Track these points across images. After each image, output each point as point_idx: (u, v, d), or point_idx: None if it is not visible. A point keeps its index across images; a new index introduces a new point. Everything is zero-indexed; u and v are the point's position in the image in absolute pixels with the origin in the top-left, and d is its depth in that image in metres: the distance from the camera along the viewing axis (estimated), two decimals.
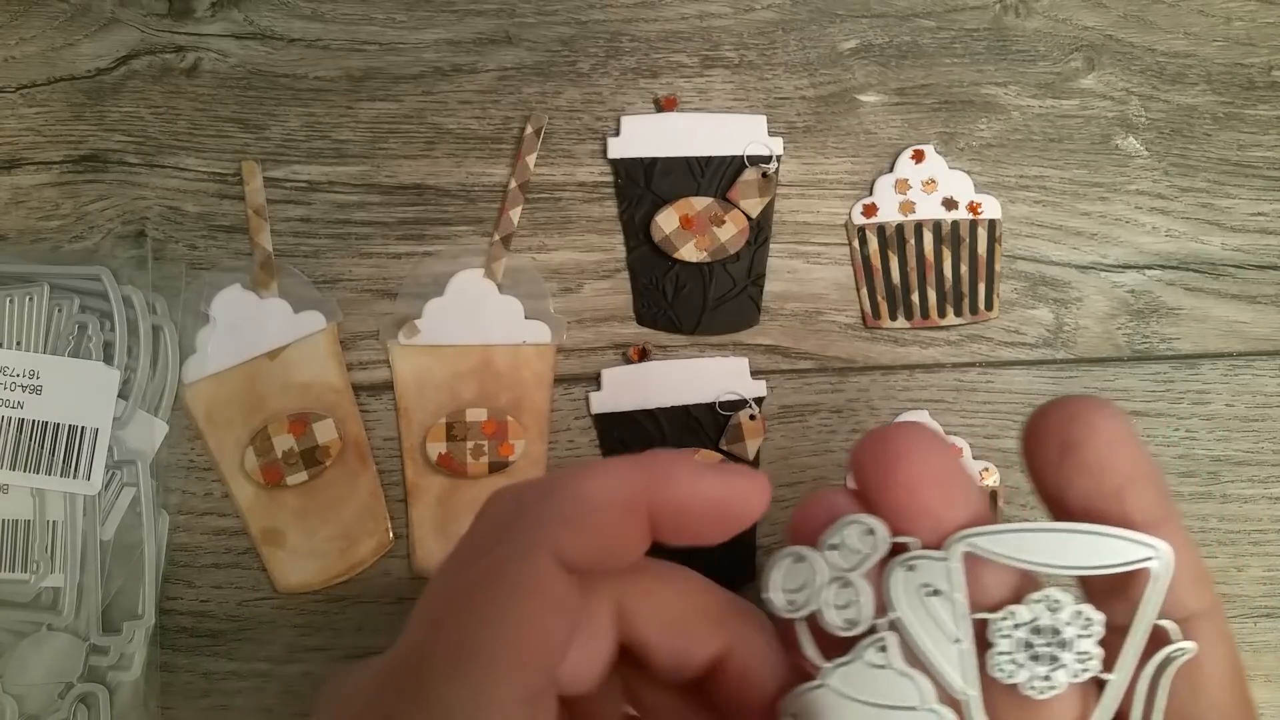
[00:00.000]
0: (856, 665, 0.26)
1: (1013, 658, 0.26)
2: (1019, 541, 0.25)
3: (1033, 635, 0.26)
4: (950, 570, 0.26)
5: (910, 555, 0.26)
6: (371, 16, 0.46)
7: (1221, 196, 0.46)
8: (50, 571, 0.39)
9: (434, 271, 0.44)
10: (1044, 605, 0.26)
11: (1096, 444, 0.25)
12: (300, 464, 0.41)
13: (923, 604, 0.26)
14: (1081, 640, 0.26)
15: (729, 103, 0.46)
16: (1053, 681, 0.26)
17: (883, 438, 0.24)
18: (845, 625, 0.26)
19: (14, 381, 0.39)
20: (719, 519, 0.23)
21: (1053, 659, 0.26)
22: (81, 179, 0.44)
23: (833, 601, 0.26)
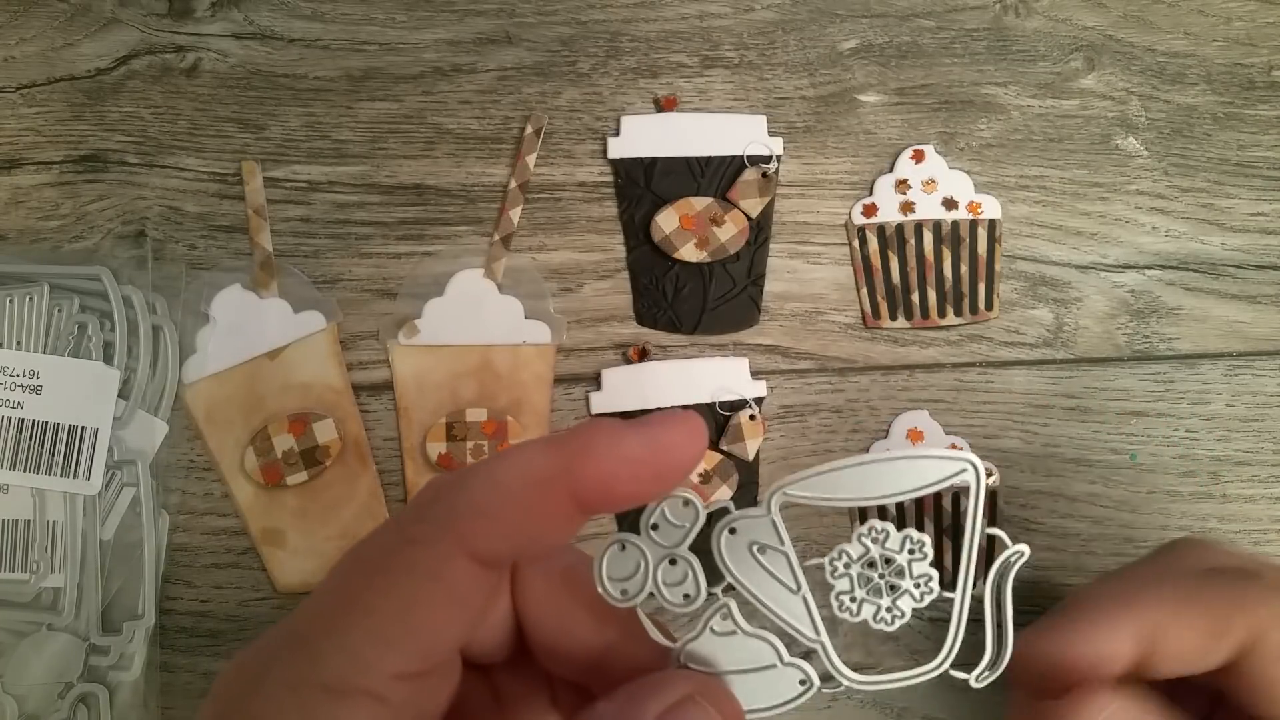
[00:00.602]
0: (705, 637, 0.26)
1: (854, 594, 0.26)
2: (833, 481, 0.25)
3: (868, 569, 0.26)
4: (774, 523, 0.26)
5: (731, 518, 0.26)
6: (371, 16, 0.46)
7: (1221, 196, 0.46)
8: (50, 571, 0.39)
9: (434, 271, 0.44)
10: (870, 538, 0.26)
11: None
12: (300, 464, 0.41)
13: (755, 562, 0.26)
14: (916, 564, 0.26)
15: (729, 103, 0.46)
16: (898, 610, 0.26)
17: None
18: (683, 601, 0.26)
19: (14, 381, 0.39)
20: (651, 477, 0.22)
21: (892, 588, 0.26)
22: (81, 179, 0.44)
23: (664, 580, 0.26)
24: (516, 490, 0.21)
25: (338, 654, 0.20)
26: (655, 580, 0.26)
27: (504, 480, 0.21)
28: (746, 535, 0.26)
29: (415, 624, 0.21)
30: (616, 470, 0.21)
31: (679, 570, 0.26)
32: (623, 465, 0.21)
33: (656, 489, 0.22)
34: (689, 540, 0.26)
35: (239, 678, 0.21)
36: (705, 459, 0.42)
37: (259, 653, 0.21)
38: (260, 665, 0.21)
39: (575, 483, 0.21)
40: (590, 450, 0.21)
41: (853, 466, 0.25)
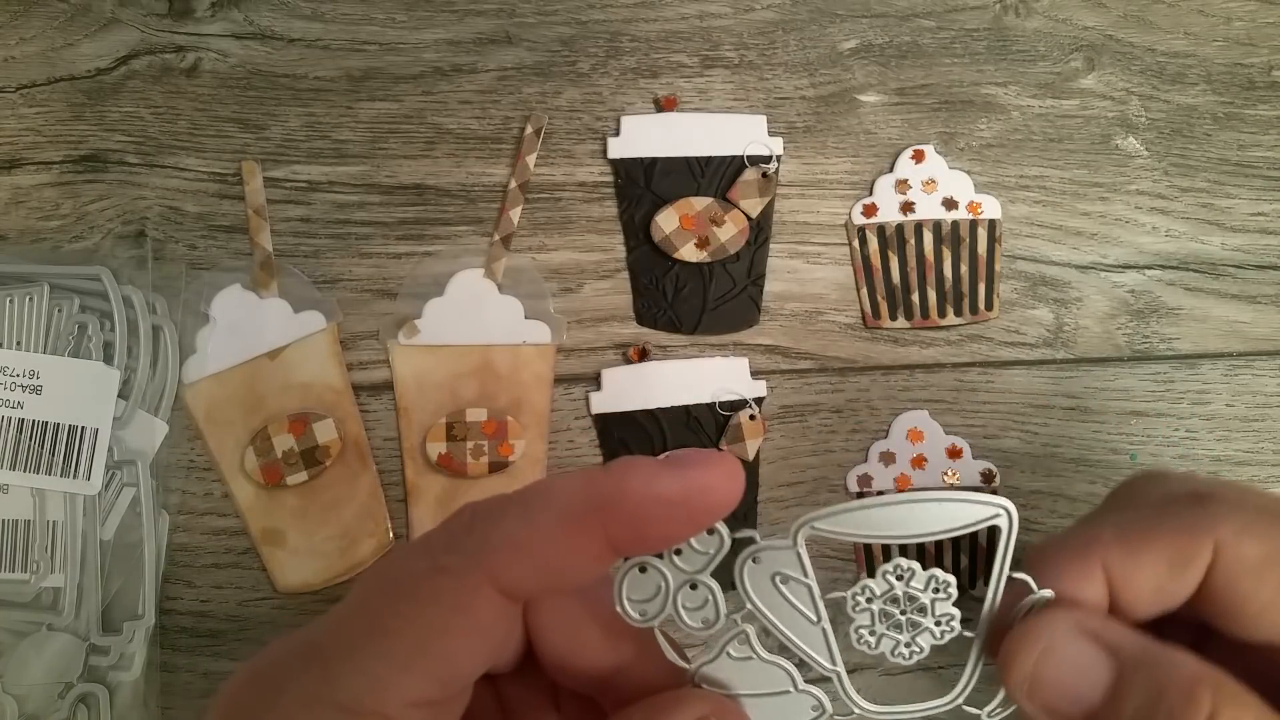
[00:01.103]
0: (721, 660, 0.27)
1: (873, 629, 0.26)
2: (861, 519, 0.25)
3: (890, 605, 0.26)
4: (799, 555, 0.26)
5: (755, 548, 0.26)
6: (371, 16, 0.46)
7: (1221, 196, 0.46)
8: (50, 571, 0.39)
9: (434, 271, 0.43)
10: (895, 575, 0.26)
11: None
12: (300, 464, 0.41)
13: (776, 591, 0.26)
14: (939, 603, 0.26)
15: (729, 103, 0.46)
16: (917, 646, 0.26)
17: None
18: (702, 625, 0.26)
19: (14, 381, 0.39)
20: (685, 518, 0.22)
21: (913, 625, 0.26)
22: (81, 179, 0.44)
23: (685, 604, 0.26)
24: (551, 527, 0.21)
25: (356, 675, 0.20)
26: (675, 604, 0.26)
27: (539, 516, 0.21)
28: (770, 565, 0.26)
29: (437, 653, 0.21)
30: (651, 511, 0.21)
31: (699, 595, 0.26)
32: (658, 506, 0.21)
33: (690, 531, 0.22)
34: (712, 567, 0.26)
35: (252, 686, 0.21)
36: None
37: (274, 663, 0.21)
38: (275, 676, 0.21)
39: (609, 522, 0.21)
40: (626, 490, 0.21)
41: (883, 506, 0.25)
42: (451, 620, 0.21)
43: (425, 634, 0.21)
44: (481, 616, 0.21)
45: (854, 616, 0.26)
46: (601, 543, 0.21)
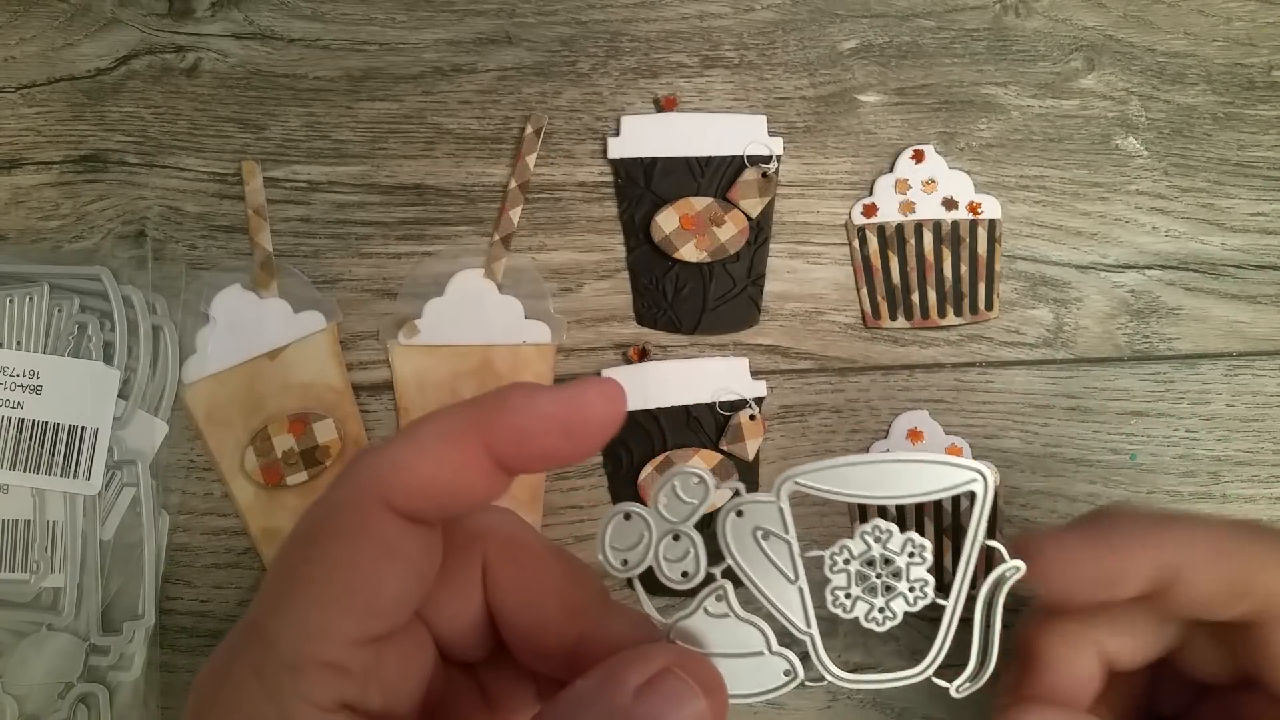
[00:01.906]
0: (698, 616, 0.26)
1: (849, 591, 0.26)
2: (844, 475, 0.25)
3: (866, 567, 0.26)
4: (781, 511, 0.26)
5: (738, 500, 0.26)
6: (371, 16, 0.46)
7: (1221, 196, 0.46)
8: (50, 571, 0.39)
9: (434, 271, 0.43)
10: (873, 536, 0.26)
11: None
12: (300, 464, 0.41)
13: (758, 547, 0.26)
14: (914, 568, 0.26)
15: (729, 103, 0.46)
16: (890, 611, 0.26)
17: None
18: (681, 578, 0.26)
19: (14, 381, 0.39)
20: (565, 434, 0.22)
21: (888, 589, 0.26)
22: (81, 179, 0.44)
23: (665, 555, 0.26)
24: (433, 445, 0.22)
25: (290, 630, 0.21)
26: (656, 554, 0.26)
27: (421, 436, 0.22)
28: (752, 519, 0.26)
29: (356, 586, 0.21)
30: (529, 425, 0.22)
31: (681, 546, 0.26)
32: (535, 420, 0.22)
33: (571, 448, 0.23)
34: (695, 518, 0.26)
35: (210, 675, 0.21)
36: (705, 459, 0.42)
37: (224, 649, 0.21)
38: (226, 659, 0.21)
39: (489, 437, 0.22)
40: (504, 406, 0.22)
41: (865, 464, 0.25)
42: (357, 548, 0.21)
43: (339, 570, 0.21)
44: (386, 538, 0.21)
45: (831, 577, 0.26)
46: (485, 458, 0.22)
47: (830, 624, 0.43)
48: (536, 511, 0.42)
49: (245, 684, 0.20)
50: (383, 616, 0.22)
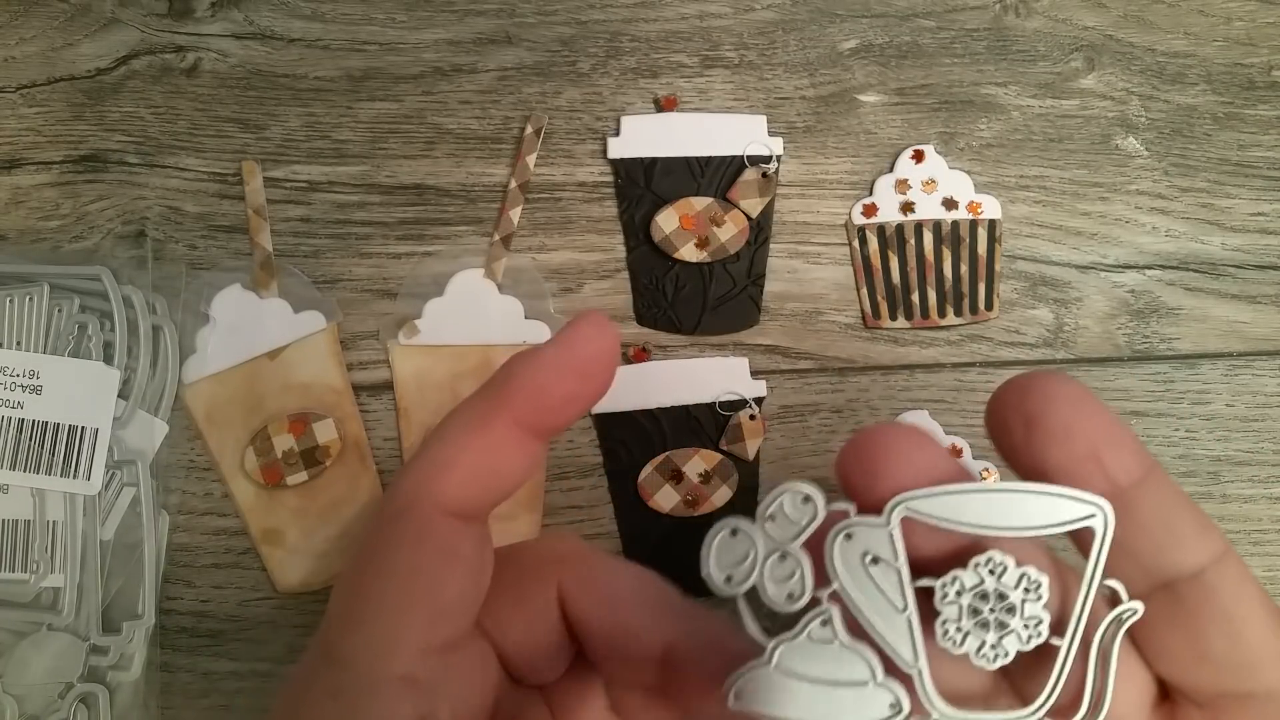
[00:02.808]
0: (801, 641, 0.26)
1: (959, 625, 0.25)
2: (959, 503, 0.25)
3: (979, 601, 0.25)
4: (891, 536, 0.25)
5: (847, 523, 0.25)
6: (371, 16, 0.46)
7: (1221, 196, 0.46)
8: (50, 571, 0.39)
9: (434, 271, 0.43)
10: (987, 568, 0.25)
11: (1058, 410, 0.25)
12: (300, 464, 0.41)
13: (865, 573, 0.25)
14: (1029, 605, 0.25)
15: (729, 103, 0.46)
16: (1002, 649, 0.25)
17: (865, 439, 0.24)
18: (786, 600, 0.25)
19: (14, 381, 0.39)
20: (576, 374, 0.23)
21: (1001, 625, 0.25)
22: (81, 179, 0.44)
23: (771, 575, 0.26)
24: (463, 436, 0.22)
25: (360, 648, 0.21)
26: (762, 573, 0.25)
27: (450, 432, 0.22)
28: (861, 543, 0.25)
29: (419, 590, 0.21)
30: (540, 380, 0.22)
31: (788, 567, 0.25)
32: (543, 373, 0.22)
33: (586, 386, 0.23)
34: (803, 537, 0.25)
35: (286, 704, 0.21)
36: (705, 459, 0.42)
37: (298, 676, 0.22)
38: (301, 685, 0.21)
39: (511, 408, 0.22)
40: (511, 374, 0.22)
41: (984, 492, 0.25)
42: (419, 555, 0.22)
43: (402, 579, 0.21)
44: (443, 542, 0.22)
45: (941, 609, 0.25)
46: (515, 429, 0.22)
47: None
48: (536, 511, 0.42)
49: (323, 708, 0.21)
50: (449, 619, 0.22)
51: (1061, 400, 0.25)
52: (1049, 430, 0.25)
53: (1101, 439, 0.25)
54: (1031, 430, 0.25)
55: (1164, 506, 0.26)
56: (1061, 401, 0.25)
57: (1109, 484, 0.25)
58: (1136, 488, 0.26)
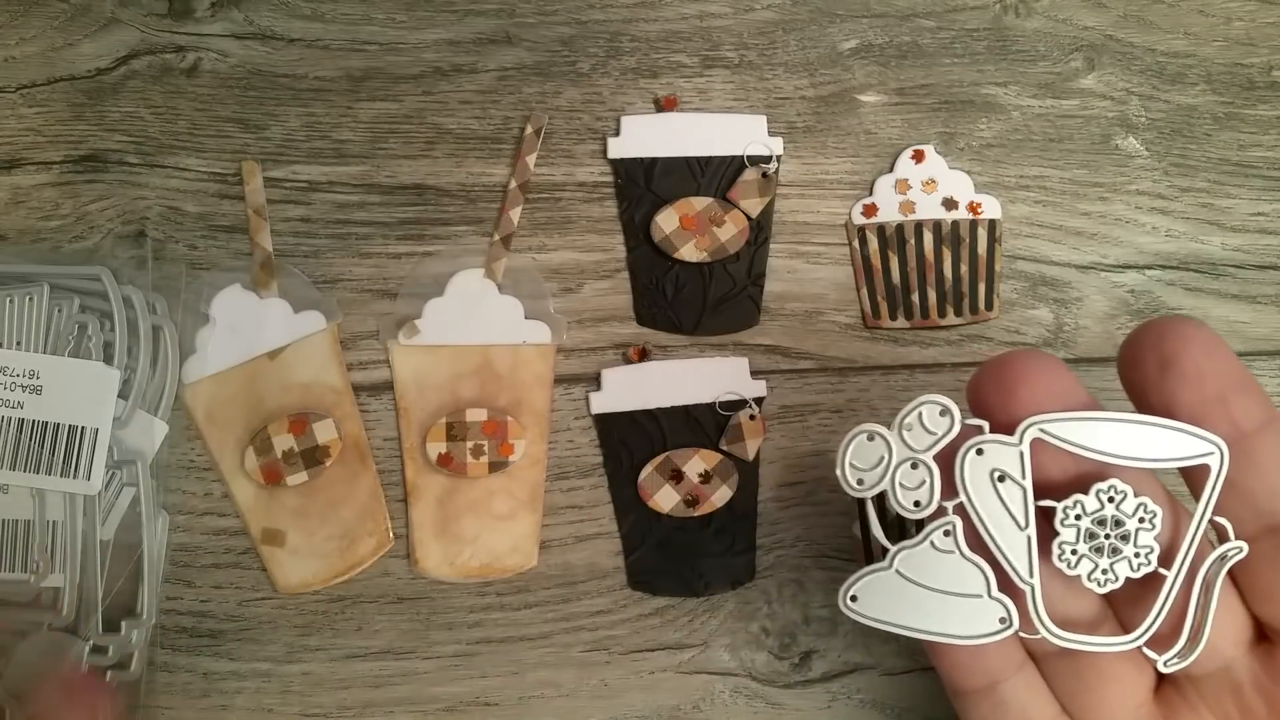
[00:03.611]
0: (923, 549, 0.26)
1: (1076, 548, 0.26)
2: (1087, 430, 0.25)
3: (1096, 526, 0.26)
4: (1021, 455, 0.25)
5: (980, 439, 0.25)
6: (371, 16, 0.46)
7: (1221, 196, 0.46)
8: (50, 572, 0.39)
9: (434, 271, 0.43)
10: (1108, 495, 0.25)
11: (1193, 354, 0.26)
12: (300, 464, 0.41)
13: (992, 489, 0.26)
14: (1143, 533, 0.26)
15: (729, 103, 0.46)
16: (1113, 574, 0.26)
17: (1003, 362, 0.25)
18: (912, 507, 0.26)
19: (14, 382, 0.39)
20: None
21: (1114, 550, 0.25)
22: (81, 179, 0.44)
23: (901, 481, 0.26)
24: None
25: None
26: (893, 478, 0.26)
27: None
28: (991, 460, 0.26)
29: None
30: None
31: (918, 475, 0.26)
32: None
33: None
34: (937, 448, 0.26)
35: None
36: (705, 459, 0.42)
37: None
38: None
39: None
40: None
41: (1113, 421, 0.25)
42: None
43: None
44: None
45: (1060, 530, 0.26)
46: None
47: (831, 624, 0.43)
48: (536, 511, 0.42)
49: None
50: None
51: (1197, 344, 0.26)
52: (1182, 371, 0.26)
53: (1230, 384, 0.26)
54: (1166, 370, 0.26)
55: None
56: (1196, 345, 0.26)
57: (1233, 427, 0.26)
58: (1258, 433, 0.26)
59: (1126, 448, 0.25)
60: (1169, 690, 0.29)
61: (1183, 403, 0.26)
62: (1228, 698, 0.28)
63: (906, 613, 0.27)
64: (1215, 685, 0.28)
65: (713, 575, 0.42)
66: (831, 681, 0.42)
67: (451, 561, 0.42)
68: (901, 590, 0.27)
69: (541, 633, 0.42)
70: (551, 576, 0.42)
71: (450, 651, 0.41)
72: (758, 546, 0.43)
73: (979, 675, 0.29)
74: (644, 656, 0.42)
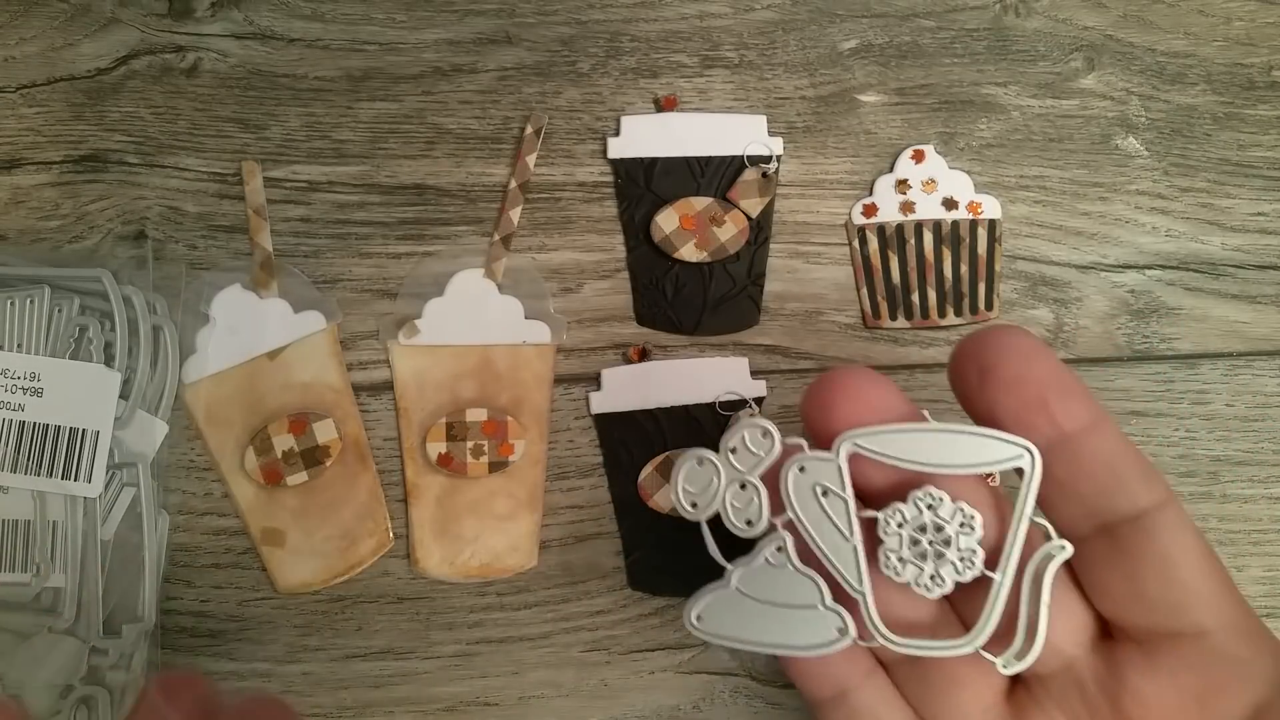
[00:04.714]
0: (758, 564, 0.28)
1: (900, 555, 0.27)
2: (902, 441, 0.26)
3: (918, 532, 0.27)
4: (839, 469, 0.26)
5: (801, 457, 0.27)
6: (371, 16, 0.46)
7: (1221, 196, 0.46)
8: (51, 573, 0.39)
9: (434, 271, 0.44)
10: (925, 502, 0.26)
11: (1010, 361, 0.27)
12: (300, 464, 0.41)
13: (816, 503, 0.27)
14: (964, 537, 0.26)
15: (729, 103, 0.46)
16: (940, 579, 0.27)
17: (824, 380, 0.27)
18: (745, 525, 0.27)
19: (15, 384, 0.40)
20: None
21: (938, 555, 0.26)
22: (81, 179, 0.44)
23: (732, 502, 0.27)
24: None
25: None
26: (724, 500, 0.26)
27: None
28: (813, 476, 0.27)
29: None
30: None
31: (747, 495, 0.27)
32: None
33: None
34: (761, 469, 0.27)
35: None
36: None
37: None
38: None
39: None
40: None
41: (923, 432, 0.26)
42: None
43: None
44: None
45: (884, 539, 0.27)
46: None
47: None
48: (537, 511, 0.42)
49: None
50: None
51: (1014, 352, 0.27)
52: (1000, 379, 0.27)
53: (1050, 388, 0.27)
54: (985, 379, 0.27)
55: (1109, 453, 0.27)
56: (1014, 353, 0.27)
57: (1056, 429, 0.27)
58: (1083, 434, 0.27)
59: (940, 456, 0.27)
60: (1019, 692, 0.29)
61: (1004, 409, 0.26)
62: (1074, 696, 0.28)
63: (749, 628, 0.28)
64: (1061, 684, 0.28)
65: (713, 576, 0.42)
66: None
67: (451, 561, 0.42)
68: (743, 606, 0.28)
69: (541, 633, 0.42)
70: (551, 576, 0.42)
71: (450, 651, 0.42)
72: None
73: (828, 684, 0.29)
74: (644, 656, 0.42)
